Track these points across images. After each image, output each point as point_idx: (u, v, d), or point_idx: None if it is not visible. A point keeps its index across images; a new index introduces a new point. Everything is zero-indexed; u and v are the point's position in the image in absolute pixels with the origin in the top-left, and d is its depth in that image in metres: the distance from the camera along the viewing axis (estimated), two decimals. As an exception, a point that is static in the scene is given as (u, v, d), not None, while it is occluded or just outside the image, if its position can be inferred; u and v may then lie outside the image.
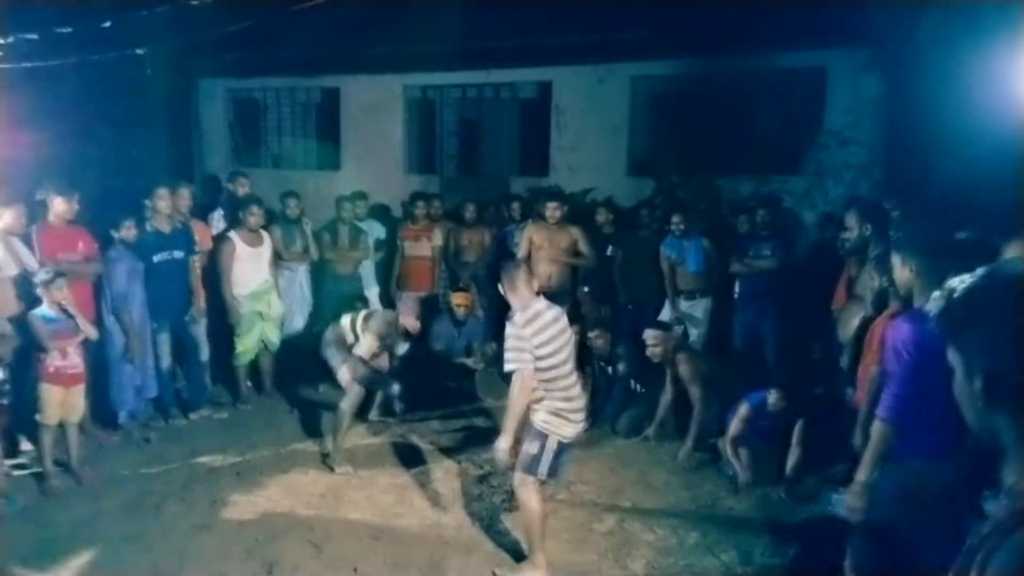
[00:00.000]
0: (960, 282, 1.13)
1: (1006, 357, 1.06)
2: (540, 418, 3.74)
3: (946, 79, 5.37)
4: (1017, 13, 4.44)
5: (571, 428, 3.79)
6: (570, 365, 3.81)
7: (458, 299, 6.45)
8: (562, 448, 3.77)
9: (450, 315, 6.51)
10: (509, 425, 3.70)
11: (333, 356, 5.25)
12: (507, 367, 3.69)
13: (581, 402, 3.87)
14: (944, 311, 1.15)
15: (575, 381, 3.86)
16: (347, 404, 5.06)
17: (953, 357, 1.16)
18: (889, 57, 6.85)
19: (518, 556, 3.99)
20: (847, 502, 2.94)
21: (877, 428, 2.83)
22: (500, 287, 3.91)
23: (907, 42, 6.43)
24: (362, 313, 5.39)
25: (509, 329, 3.74)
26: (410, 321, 5.26)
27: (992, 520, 1.08)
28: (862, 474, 2.89)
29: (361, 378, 5.06)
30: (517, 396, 3.66)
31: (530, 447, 3.73)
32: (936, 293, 1.17)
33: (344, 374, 5.11)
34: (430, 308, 7.09)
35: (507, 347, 3.70)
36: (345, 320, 5.37)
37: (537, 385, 3.69)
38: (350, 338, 5.24)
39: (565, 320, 3.88)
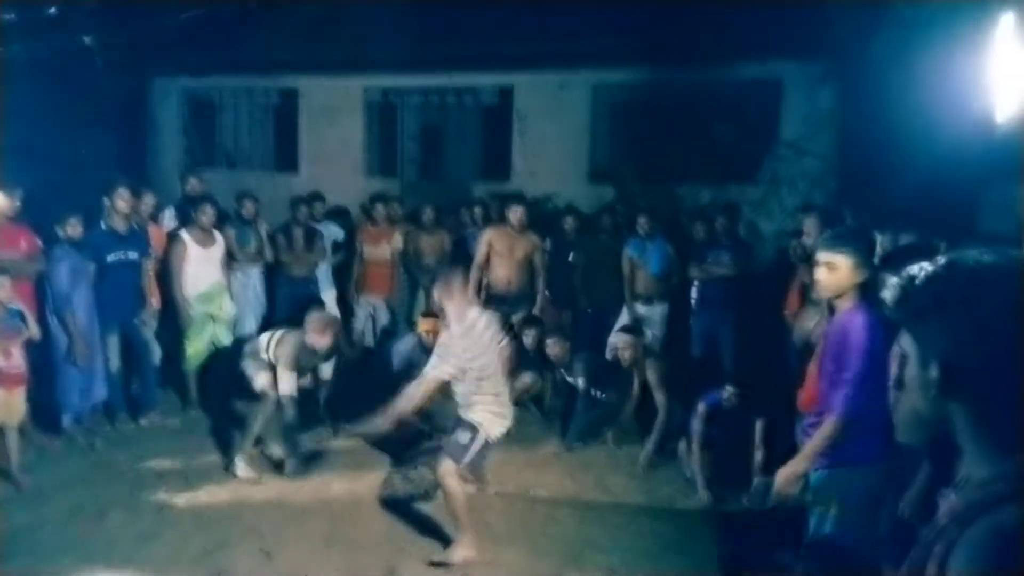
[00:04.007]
0: (920, 270, 1.12)
1: (963, 346, 1.06)
2: (476, 415, 3.93)
3: (899, 91, 5.49)
4: (970, 27, 4.57)
5: (500, 425, 4.01)
6: (495, 366, 4.01)
7: (426, 325, 5.73)
8: (487, 445, 4.00)
9: (418, 339, 5.87)
10: (394, 412, 3.93)
11: (248, 366, 5.04)
12: (427, 370, 3.91)
13: (507, 398, 4.10)
14: (902, 299, 1.13)
15: (502, 380, 4.09)
16: (261, 413, 4.94)
17: (907, 345, 1.15)
18: (844, 70, 7.01)
19: (477, 560, 3.93)
20: (777, 487, 2.92)
21: (832, 423, 2.81)
22: (435, 293, 4.05)
23: (861, 55, 6.58)
24: (276, 335, 5.10)
25: (443, 336, 3.96)
26: (317, 339, 4.98)
27: (949, 512, 1.07)
28: (800, 465, 2.90)
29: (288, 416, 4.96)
30: (416, 393, 3.91)
31: (461, 436, 3.92)
32: (893, 280, 1.15)
33: (260, 380, 4.94)
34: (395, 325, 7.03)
35: (436, 350, 3.92)
36: (263, 337, 5.18)
37: (469, 389, 3.90)
38: (263, 356, 5.02)
39: (496, 324, 4.11)
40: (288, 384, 4.88)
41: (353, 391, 6.07)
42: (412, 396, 3.93)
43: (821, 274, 2.91)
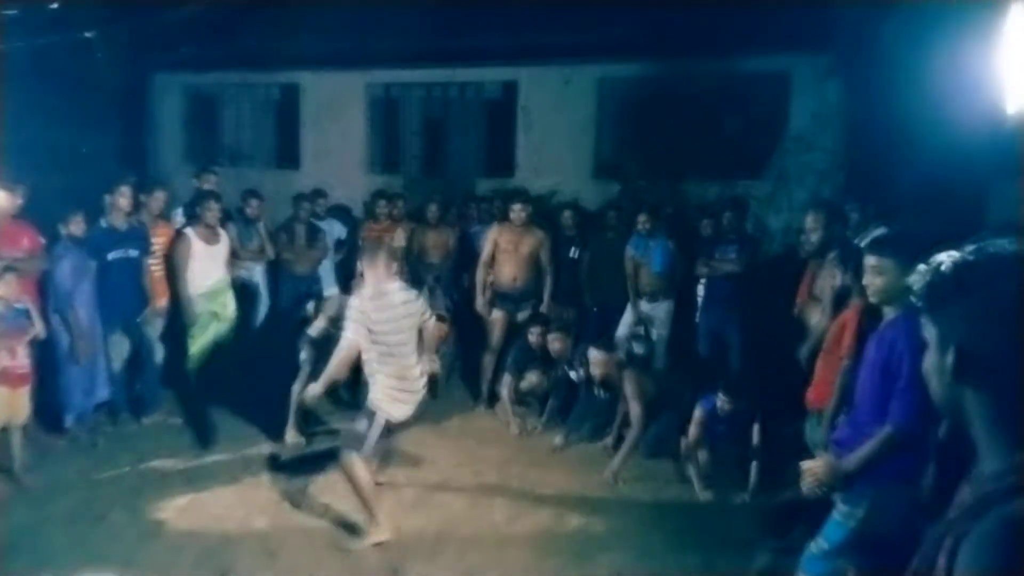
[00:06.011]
0: (948, 256, 1.13)
1: (982, 333, 1.07)
2: (372, 396, 3.94)
3: (906, 85, 5.44)
4: (978, 19, 4.51)
5: (401, 408, 3.99)
6: (410, 347, 4.05)
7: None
8: (389, 427, 3.99)
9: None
10: (323, 380, 4.04)
11: (303, 341, 5.46)
12: (344, 333, 3.95)
13: (416, 384, 4.07)
14: (929, 285, 1.14)
15: (414, 363, 4.07)
16: (297, 386, 5.25)
17: (928, 331, 1.16)
18: (852, 63, 6.94)
19: (482, 560, 3.91)
20: (820, 472, 2.83)
21: (890, 433, 2.69)
22: (359, 263, 4.19)
23: (869, 49, 6.52)
24: (328, 296, 5.69)
25: (352, 300, 4.04)
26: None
27: (958, 505, 1.07)
28: (850, 465, 2.78)
29: (308, 358, 5.29)
30: (336, 360, 3.96)
31: (359, 424, 3.92)
32: (921, 267, 1.16)
33: (303, 354, 5.37)
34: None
35: (347, 316, 3.96)
36: (310, 306, 5.70)
37: (374, 358, 3.92)
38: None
39: (416, 306, 4.14)
40: (315, 328, 5.33)
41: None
42: (335, 363, 3.96)
43: (869, 279, 2.85)
